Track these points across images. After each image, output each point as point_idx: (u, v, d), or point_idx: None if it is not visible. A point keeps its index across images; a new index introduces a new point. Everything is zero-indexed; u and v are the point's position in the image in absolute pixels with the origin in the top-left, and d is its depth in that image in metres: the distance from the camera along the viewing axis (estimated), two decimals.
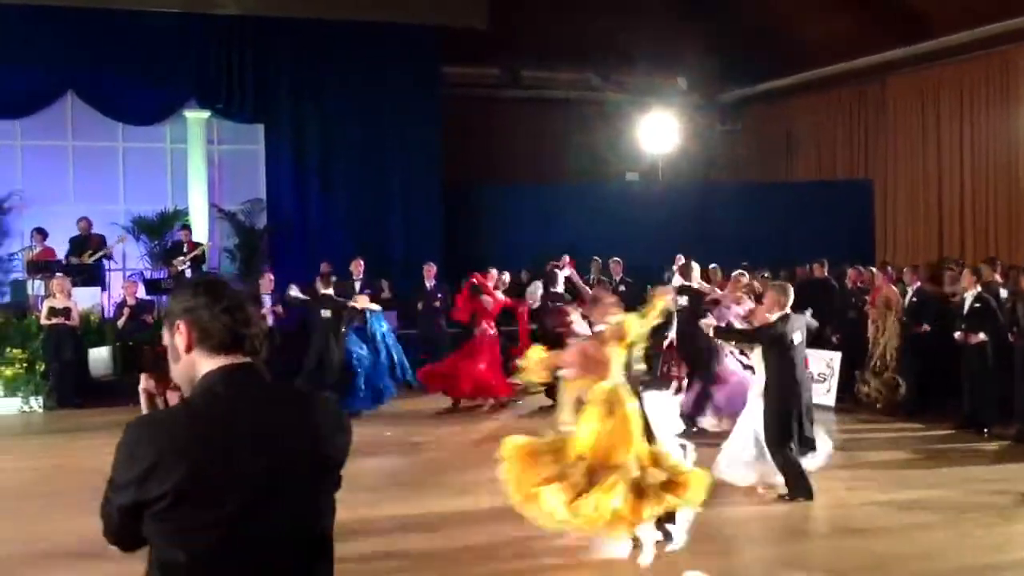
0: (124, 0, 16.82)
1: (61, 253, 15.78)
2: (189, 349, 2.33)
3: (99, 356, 2.79)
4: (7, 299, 16.02)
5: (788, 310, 8.26)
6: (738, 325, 10.51)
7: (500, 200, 19.66)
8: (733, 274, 12.43)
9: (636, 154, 22.44)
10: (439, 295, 15.68)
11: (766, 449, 8.28)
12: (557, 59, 20.82)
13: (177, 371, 2.38)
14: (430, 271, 15.85)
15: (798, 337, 8.26)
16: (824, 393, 13.09)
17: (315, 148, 18.35)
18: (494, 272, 14.27)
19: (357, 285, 15.45)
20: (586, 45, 20.27)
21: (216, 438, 2.22)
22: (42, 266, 15.37)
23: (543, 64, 21.18)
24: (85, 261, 15.75)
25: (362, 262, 15.27)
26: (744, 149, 23.47)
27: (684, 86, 22.66)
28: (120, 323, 14.42)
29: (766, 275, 14.31)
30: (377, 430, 11.41)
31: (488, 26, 18.39)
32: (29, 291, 15.42)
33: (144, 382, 2.39)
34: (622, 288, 16.27)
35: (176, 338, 2.34)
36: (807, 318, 8.73)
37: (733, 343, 10.21)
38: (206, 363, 2.32)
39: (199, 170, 18.04)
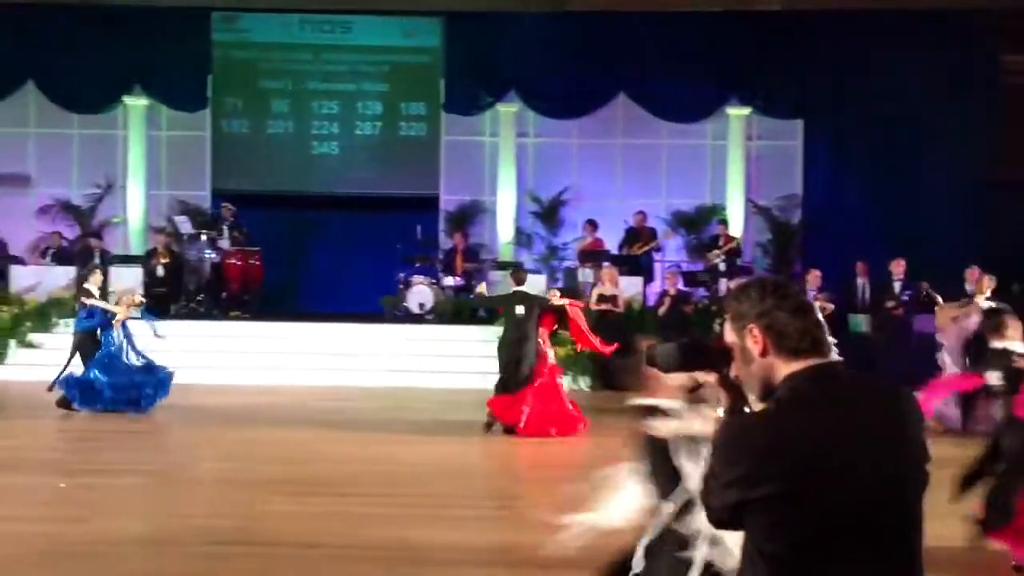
0: (673, 3, 17.71)
1: (608, 244, 17.14)
2: (764, 354, 2.38)
3: (666, 350, 2.99)
4: (560, 284, 17.58)
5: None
6: None
7: None
8: None
9: None
10: None
11: None
12: None
13: (748, 372, 2.45)
14: (972, 275, 14.66)
15: None
16: None
17: (855, 143, 17.92)
18: None
19: (897, 286, 14.90)
20: None
21: (813, 436, 2.27)
22: (592, 255, 16.77)
23: None
24: (635, 252, 16.95)
25: (903, 262, 14.69)
26: None
27: None
28: (661, 311, 15.28)
29: None
30: None
31: None
32: (579, 278, 16.80)
33: (704, 377, 2.41)
34: None
35: (748, 341, 2.41)
36: None
37: None
38: (785, 367, 2.37)
39: (737, 166, 18.52)
